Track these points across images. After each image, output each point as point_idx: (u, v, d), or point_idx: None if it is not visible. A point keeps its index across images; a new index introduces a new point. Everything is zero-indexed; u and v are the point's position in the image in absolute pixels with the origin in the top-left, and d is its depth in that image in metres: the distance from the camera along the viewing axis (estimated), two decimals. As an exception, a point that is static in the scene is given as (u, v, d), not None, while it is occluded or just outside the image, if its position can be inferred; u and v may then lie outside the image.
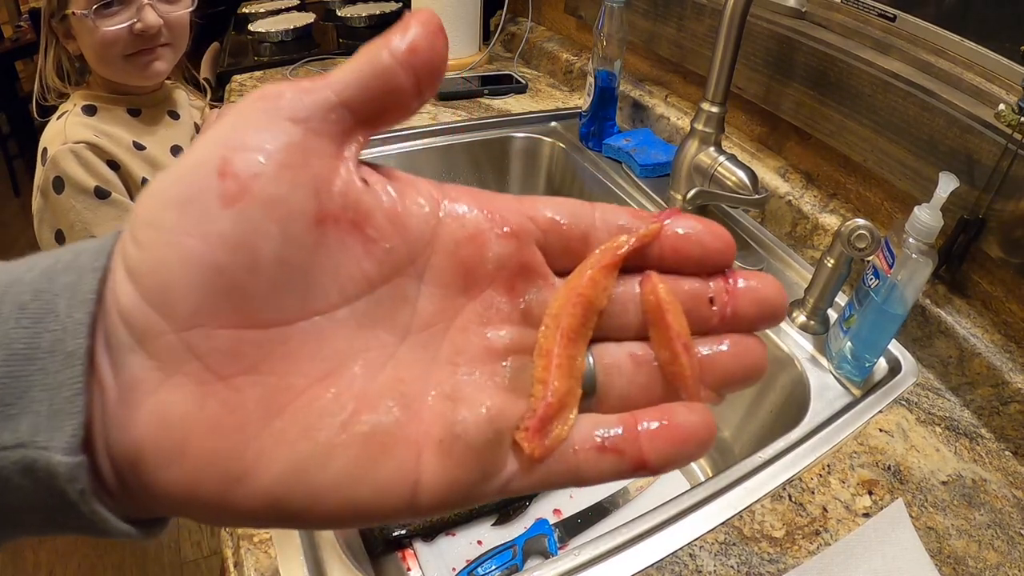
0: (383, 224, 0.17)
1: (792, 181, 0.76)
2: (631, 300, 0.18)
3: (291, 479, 0.15)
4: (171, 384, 0.15)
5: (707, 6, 0.83)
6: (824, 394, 0.57)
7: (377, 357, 0.17)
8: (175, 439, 0.15)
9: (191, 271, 0.14)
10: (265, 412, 0.15)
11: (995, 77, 0.58)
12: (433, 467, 0.16)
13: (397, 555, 0.61)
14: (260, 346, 0.15)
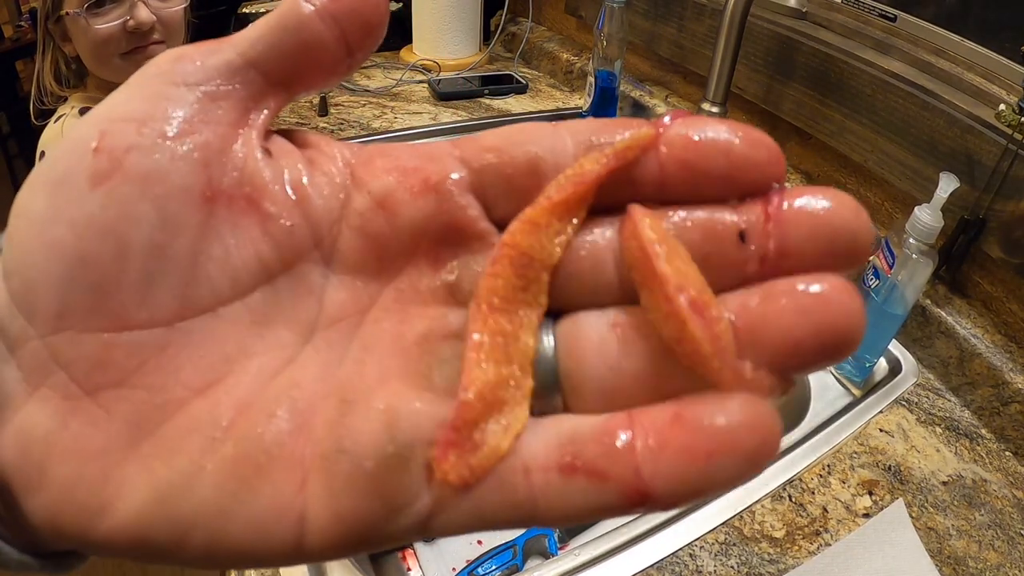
0: (284, 199, 0.13)
1: (792, 181, 0.76)
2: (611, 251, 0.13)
3: (152, 512, 0.12)
4: (36, 398, 0.12)
5: (707, 6, 0.83)
6: (824, 394, 0.57)
7: (273, 360, 0.13)
8: (36, 462, 0.12)
9: (55, 265, 0.12)
10: (134, 432, 0.12)
11: (995, 77, 0.58)
12: (319, 495, 0.12)
13: (397, 555, 0.61)
14: (134, 352, 0.13)
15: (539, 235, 0.12)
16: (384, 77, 1.16)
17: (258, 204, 0.13)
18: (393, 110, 1.03)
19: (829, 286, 0.11)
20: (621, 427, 0.11)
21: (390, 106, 1.04)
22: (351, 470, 0.12)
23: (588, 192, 0.13)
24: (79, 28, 0.73)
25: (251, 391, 0.13)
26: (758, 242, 0.12)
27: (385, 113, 1.01)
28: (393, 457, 0.12)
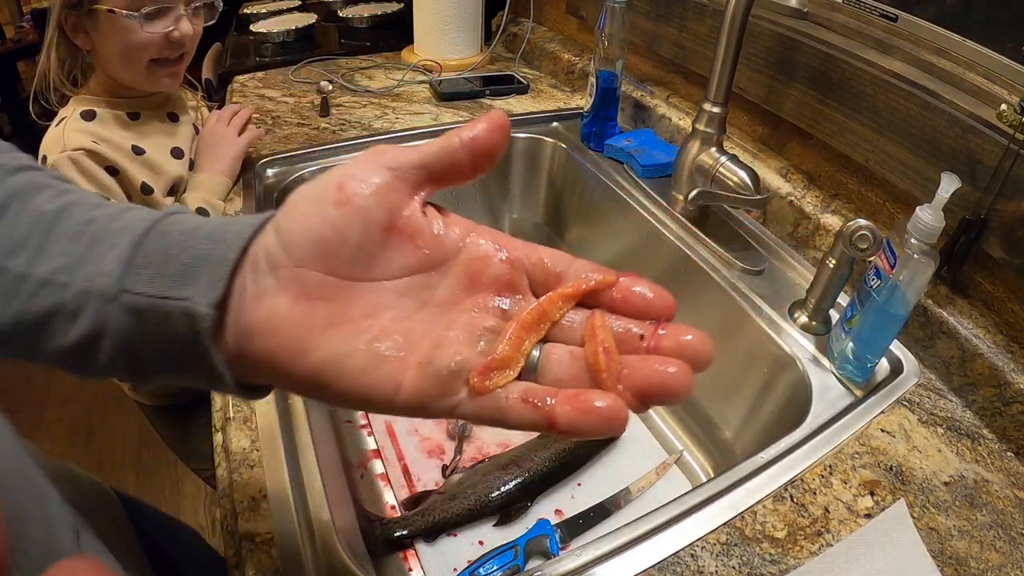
0: (428, 240, 0.27)
1: (794, 181, 0.76)
2: (580, 324, 0.26)
3: (328, 362, 0.25)
4: (281, 294, 0.25)
5: (708, 6, 0.83)
6: (826, 395, 0.57)
7: (402, 313, 0.26)
8: (275, 324, 0.25)
9: (308, 236, 0.25)
10: (327, 323, 0.25)
11: (997, 77, 0.58)
12: (412, 379, 0.24)
13: (399, 556, 0.61)
14: (336, 287, 0.25)
15: (553, 305, 0.26)
16: (385, 77, 1.16)
17: (414, 238, 0.26)
18: (394, 110, 1.03)
19: (676, 367, 0.23)
20: (551, 392, 0.24)
21: (391, 106, 1.04)
22: (433, 371, 0.24)
23: (577, 295, 0.26)
24: (118, 27, 0.72)
25: (389, 323, 0.25)
26: (647, 340, 0.24)
27: (386, 113, 1.01)
28: (453, 371, 0.24)
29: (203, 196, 0.78)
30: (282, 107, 1.03)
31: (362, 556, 0.53)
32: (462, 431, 0.72)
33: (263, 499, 0.46)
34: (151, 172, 0.78)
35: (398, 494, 0.67)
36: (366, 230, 0.25)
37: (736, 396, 0.69)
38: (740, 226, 0.77)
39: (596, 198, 0.90)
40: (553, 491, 0.67)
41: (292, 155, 0.88)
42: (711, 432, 0.73)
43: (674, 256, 0.76)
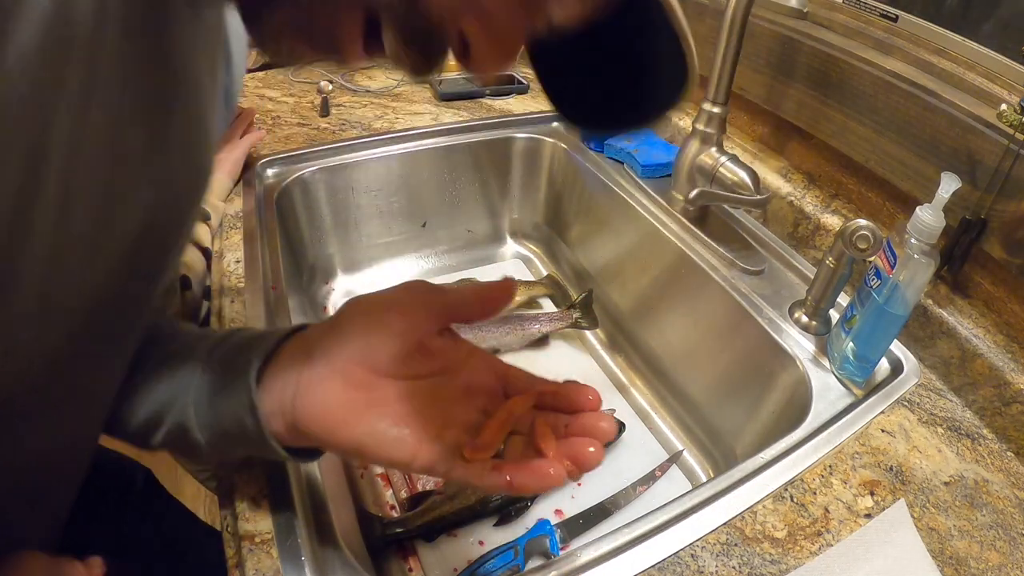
0: (443, 357, 0.37)
1: (794, 181, 0.76)
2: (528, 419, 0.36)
3: (367, 435, 0.33)
4: (334, 379, 0.34)
5: (709, 7, 0.83)
6: (826, 395, 0.57)
7: (420, 404, 0.35)
8: (328, 402, 0.34)
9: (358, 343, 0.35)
10: (367, 405, 0.34)
11: (997, 77, 0.58)
12: (426, 452, 0.33)
13: (399, 556, 0.61)
14: (375, 381, 0.34)
15: (516, 407, 0.36)
16: (385, 77, 1.16)
17: (434, 355, 0.36)
18: (395, 110, 1.03)
19: (594, 447, 0.33)
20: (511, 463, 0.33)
21: (391, 106, 1.04)
22: (440, 447, 0.34)
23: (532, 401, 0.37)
24: None
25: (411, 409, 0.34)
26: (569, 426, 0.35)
27: (387, 113, 1.01)
28: (453, 448, 0.34)
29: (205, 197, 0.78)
30: (282, 107, 1.03)
31: (362, 556, 0.53)
32: (462, 431, 0.72)
33: (263, 499, 0.46)
34: None
35: (398, 494, 0.67)
36: (405, 344, 0.35)
37: (736, 396, 0.69)
38: (740, 226, 0.77)
39: (596, 198, 0.90)
40: (553, 491, 0.67)
41: (292, 155, 0.88)
42: (711, 432, 0.73)
43: (674, 256, 0.76)
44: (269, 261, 0.70)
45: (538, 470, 0.31)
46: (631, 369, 0.85)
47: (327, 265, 0.94)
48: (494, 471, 0.33)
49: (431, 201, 0.98)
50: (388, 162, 0.92)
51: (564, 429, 0.34)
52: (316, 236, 0.91)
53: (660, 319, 0.81)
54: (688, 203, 0.76)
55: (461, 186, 0.99)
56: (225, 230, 0.76)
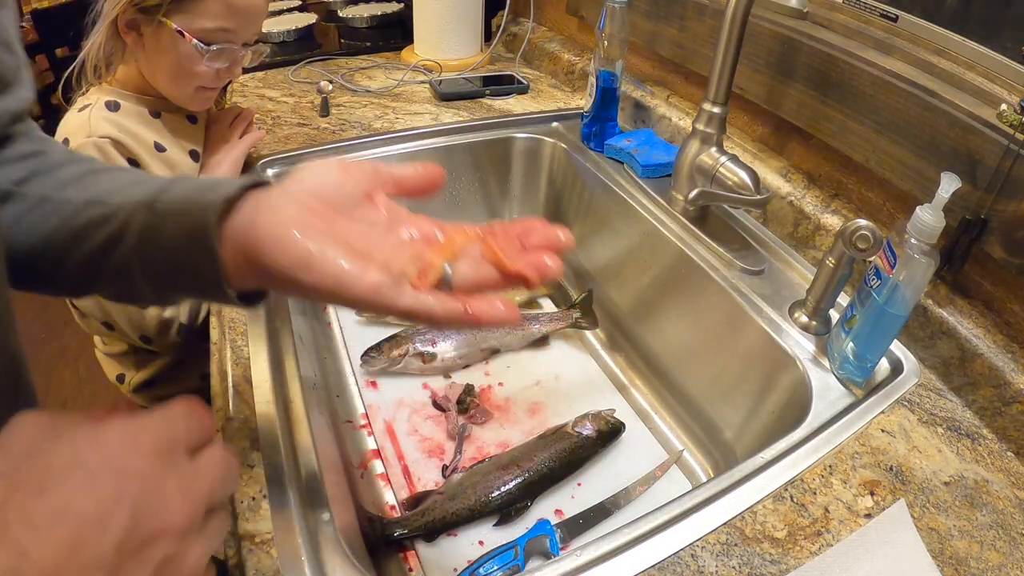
0: (388, 210, 0.38)
1: (794, 181, 0.76)
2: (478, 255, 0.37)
3: (317, 248, 0.33)
4: (291, 206, 0.35)
5: (709, 6, 0.83)
6: (826, 395, 0.57)
7: (370, 237, 0.36)
8: (283, 218, 0.34)
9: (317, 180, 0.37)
10: (320, 229, 0.34)
11: (997, 77, 0.58)
12: (374, 272, 0.33)
13: (399, 556, 0.61)
14: (328, 213, 0.35)
15: (456, 235, 0.37)
16: (385, 78, 1.16)
17: (379, 208, 0.38)
18: (394, 110, 1.03)
19: (550, 258, 0.35)
20: (467, 298, 0.34)
21: (391, 106, 1.04)
22: (388, 271, 0.34)
23: (475, 234, 0.37)
24: (179, 48, 0.72)
25: (361, 238, 0.35)
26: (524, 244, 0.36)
27: (387, 113, 1.01)
28: (401, 273, 0.34)
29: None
30: (282, 107, 1.03)
31: (362, 556, 0.53)
32: (462, 431, 0.72)
33: (263, 499, 0.46)
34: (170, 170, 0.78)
35: (398, 494, 0.67)
36: (354, 190, 0.37)
37: (736, 396, 0.69)
38: (740, 226, 0.77)
39: (596, 198, 0.90)
40: (553, 491, 0.67)
41: (292, 155, 0.88)
42: (711, 432, 0.73)
43: (674, 256, 0.76)
44: (269, 261, 0.70)
45: (493, 301, 0.34)
46: (631, 369, 0.85)
47: (327, 265, 0.94)
48: (449, 298, 0.34)
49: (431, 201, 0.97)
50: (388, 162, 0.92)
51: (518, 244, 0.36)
52: (316, 236, 0.91)
53: (660, 319, 0.81)
54: (688, 203, 0.76)
55: (461, 186, 0.99)
56: (225, 230, 0.76)
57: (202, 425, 0.29)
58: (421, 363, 0.79)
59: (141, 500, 0.25)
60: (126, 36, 0.75)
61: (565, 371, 0.83)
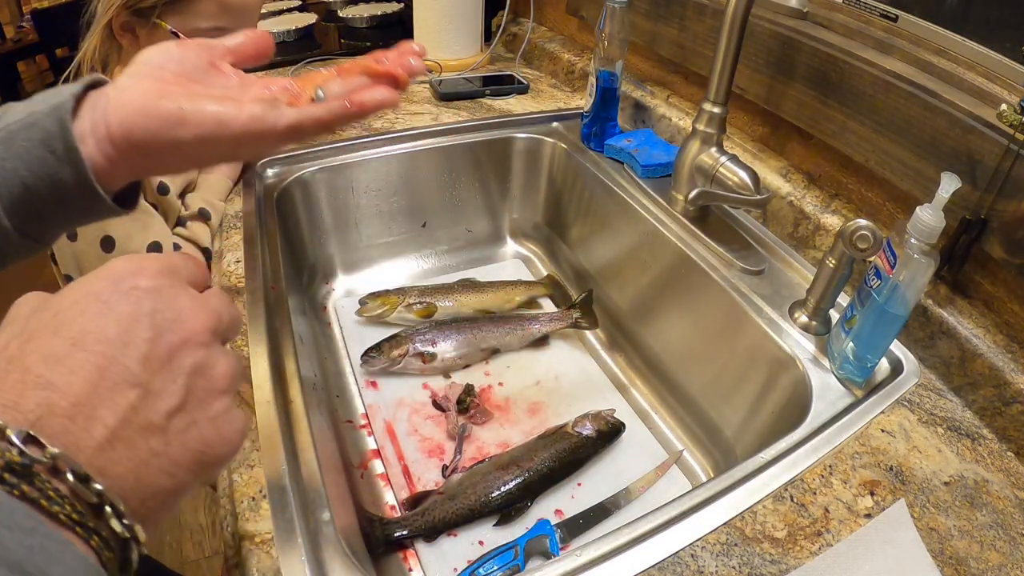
0: (235, 75, 0.40)
1: (794, 181, 0.76)
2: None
3: (187, 101, 0.35)
4: (143, 81, 0.36)
5: (709, 6, 0.83)
6: (826, 395, 0.57)
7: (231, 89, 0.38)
8: (140, 91, 0.35)
9: (160, 56, 0.37)
10: (181, 91, 0.36)
11: (997, 77, 0.58)
12: (250, 105, 0.35)
13: (399, 556, 0.61)
14: (182, 81, 0.37)
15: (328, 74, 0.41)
16: (385, 77, 1.16)
17: (226, 75, 0.40)
18: (394, 110, 1.03)
19: (415, 58, 0.40)
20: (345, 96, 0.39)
21: (391, 106, 1.04)
22: (264, 99, 0.37)
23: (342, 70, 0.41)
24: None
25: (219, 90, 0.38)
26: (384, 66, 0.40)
27: (387, 113, 1.01)
28: (275, 98, 0.37)
29: (205, 197, 0.78)
30: (282, 107, 1.03)
31: (362, 556, 0.53)
32: (462, 431, 0.72)
33: (263, 499, 0.46)
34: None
35: (398, 494, 0.67)
36: (196, 59, 0.38)
37: (736, 396, 0.69)
38: (740, 226, 0.77)
39: (596, 198, 0.90)
40: (553, 491, 0.67)
41: (292, 155, 0.88)
42: (711, 432, 0.73)
43: (674, 256, 0.76)
44: (269, 261, 0.70)
45: (371, 90, 0.37)
46: (631, 369, 0.85)
47: (327, 265, 0.94)
48: (329, 101, 0.36)
49: (431, 201, 0.98)
50: (388, 162, 0.92)
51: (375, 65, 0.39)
52: (316, 236, 0.91)
53: (660, 319, 0.81)
54: (688, 203, 0.76)
55: (461, 186, 0.99)
56: (225, 230, 0.76)
57: (199, 267, 0.30)
58: (421, 363, 0.79)
59: (158, 314, 0.25)
60: (121, 39, 0.74)
61: (565, 371, 0.83)
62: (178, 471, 0.24)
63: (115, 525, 0.22)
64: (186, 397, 0.25)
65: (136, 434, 0.23)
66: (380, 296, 0.86)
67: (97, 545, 0.21)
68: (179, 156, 0.36)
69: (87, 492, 0.21)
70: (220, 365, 0.27)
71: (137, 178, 0.39)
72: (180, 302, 0.26)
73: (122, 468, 0.23)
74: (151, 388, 0.24)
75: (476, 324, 0.83)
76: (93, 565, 0.21)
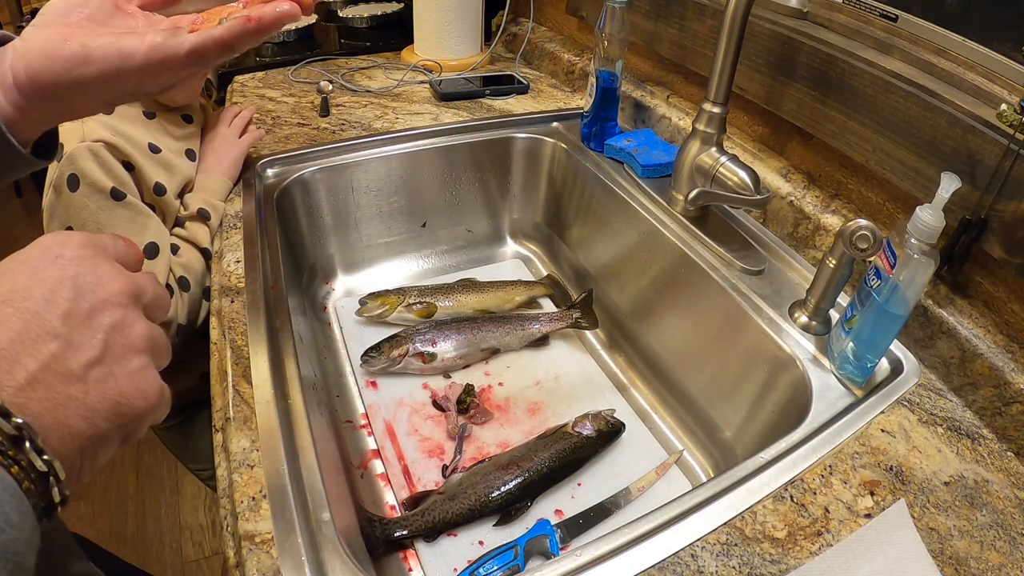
0: (140, 16, 0.41)
1: (794, 181, 0.76)
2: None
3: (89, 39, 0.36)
4: (48, 27, 0.37)
5: (709, 6, 0.83)
6: (826, 395, 0.57)
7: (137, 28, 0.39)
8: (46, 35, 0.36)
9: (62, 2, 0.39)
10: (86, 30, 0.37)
11: (997, 77, 0.58)
12: (151, 35, 0.37)
13: (399, 556, 0.61)
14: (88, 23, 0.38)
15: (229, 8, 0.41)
16: (385, 78, 1.16)
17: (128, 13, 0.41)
18: (394, 110, 1.03)
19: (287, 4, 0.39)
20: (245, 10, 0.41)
21: (391, 106, 1.04)
22: (164, 26, 0.38)
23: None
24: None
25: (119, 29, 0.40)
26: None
27: (387, 113, 1.01)
28: (176, 26, 0.38)
29: (204, 197, 0.78)
30: (282, 107, 1.03)
31: (362, 556, 0.53)
32: (462, 431, 0.72)
33: (263, 499, 0.46)
34: (165, 171, 0.78)
35: (398, 494, 0.67)
36: (101, 3, 0.39)
37: (736, 396, 0.69)
38: (740, 226, 0.77)
39: (596, 198, 0.90)
40: (553, 491, 0.67)
41: (292, 155, 0.88)
42: (711, 432, 0.73)
43: (674, 256, 0.76)
44: (269, 261, 0.70)
45: (270, 4, 0.38)
46: (631, 369, 0.85)
47: (327, 265, 0.94)
48: (231, 21, 0.37)
49: (431, 201, 0.98)
50: (388, 162, 0.92)
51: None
52: (316, 236, 0.91)
53: (660, 319, 0.81)
54: (688, 203, 0.76)
55: (461, 186, 0.99)
56: (225, 230, 0.76)
57: (131, 249, 0.32)
58: (421, 363, 0.79)
59: (80, 278, 0.28)
60: None
61: (565, 371, 0.83)
62: (95, 417, 0.26)
63: (34, 459, 0.24)
64: (104, 351, 0.27)
65: (55, 379, 0.26)
66: (380, 296, 0.86)
67: (17, 474, 0.23)
68: (85, 95, 0.37)
69: (7, 425, 0.23)
70: (138, 326, 0.29)
71: (49, 126, 0.41)
72: (101, 269, 0.29)
73: (41, 407, 0.25)
74: (71, 341, 0.27)
75: (476, 324, 0.83)
76: (13, 486, 0.23)
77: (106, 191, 0.70)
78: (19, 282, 0.27)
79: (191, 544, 1.59)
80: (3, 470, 0.23)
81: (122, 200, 0.71)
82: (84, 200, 0.69)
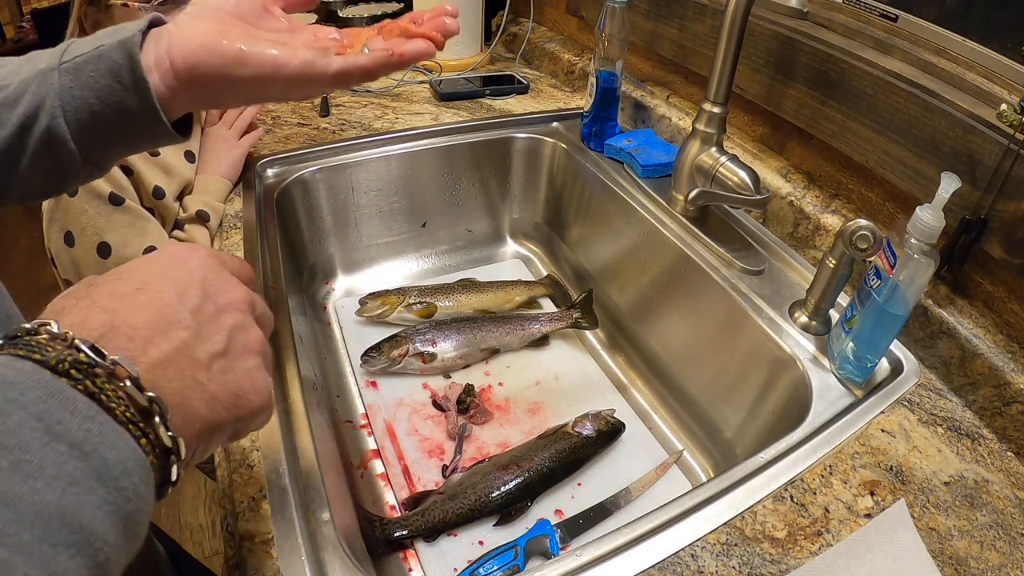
0: (286, 20, 0.44)
1: (794, 181, 0.76)
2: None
3: (246, 43, 0.39)
4: (204, 20, 0.39)
5: (709, 6, 0.83)
6: (826, 395, 0.57)
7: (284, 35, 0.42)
8: (202, 29, 0.38)
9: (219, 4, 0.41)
10: (239, 31, 0.39)
11: (997, 77, 0.58)
12: (302, 51, 0.39)
13: (399, 556, 0.61)
14: (240, 23, 0.40)
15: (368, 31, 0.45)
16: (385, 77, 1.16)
17: (275, 16, 0.44)
18: (395, 111, 1.03)
19: (449, 17, 0.43)
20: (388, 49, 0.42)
21: (391, 107, 1.04)
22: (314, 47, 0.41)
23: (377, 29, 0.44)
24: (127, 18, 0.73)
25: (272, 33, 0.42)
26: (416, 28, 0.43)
27: (387, 113, 1.01)
28: (326, 48, 0.41)
29: (203, 199, 0.78)
30: (282, 107, 1.03)
31: (362, 556, 0.53)
32: (462, 431, 0.72)
33: (263, 499, 0.46)
34: (164, 174, 0.78)
35: (398, 494, 0.67)
36: (251, 3, 0.41)
37: (736, 396, 0.69)
38: (740, 226, 0.77)
39: (596, 198, 0.90)
40: (553, 491, 0.67)
41: (292, 155, 0.88)
42: (711, 432, 0.73)
43: (674, 256, 0.76)
44: (269, 261, 0.70)
45: (410, 41, 0.40)
46: (631, 369, 0.85)
47: (327, 265, 0.94)
48: (375, 52, 0.40)
49: (431, 201, 0.98)
50: (388, 162, 0.92)
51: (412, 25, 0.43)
52: (316, 236, 0.91)
53: (660, 319, 0.81)
54: (688, 203, 0.76)
55: (461, 186, 0.99)
56: (225, 230, 0.76)
57: (245, 267, 0.35)
58: (421, 363, 0.79)
59: (207, 282, 0.30)
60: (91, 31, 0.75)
61: (565, 371, 0.83)
62: (216, 404, 0.28)
63: (162, 434, 0.25)
64: (227, 346, 0.29)
65: (185, 363, 0.27)
66: (380, 296, 0.86)
67: (145, 446, 0.24)
68: (235, 92, 0.40)
69: (140, 397, 0.24)
70: (254, 331, 0.32)
71: (193, 109, 0.42)
72: (224, 277, 0.32)
73: (170, 387, 0.26)
74: (200, 332, 0.28)
75: (476, 324, 0.83)
76: (143, 457, 0.24)
77: (104, 196, 0.70)
78: (150, 278, 0.29)
79: (191, 544, 1.59)
80: (135, 442, 0.24)
81: (121, 205, 0.71)
82: (83, 205, 0.69)
